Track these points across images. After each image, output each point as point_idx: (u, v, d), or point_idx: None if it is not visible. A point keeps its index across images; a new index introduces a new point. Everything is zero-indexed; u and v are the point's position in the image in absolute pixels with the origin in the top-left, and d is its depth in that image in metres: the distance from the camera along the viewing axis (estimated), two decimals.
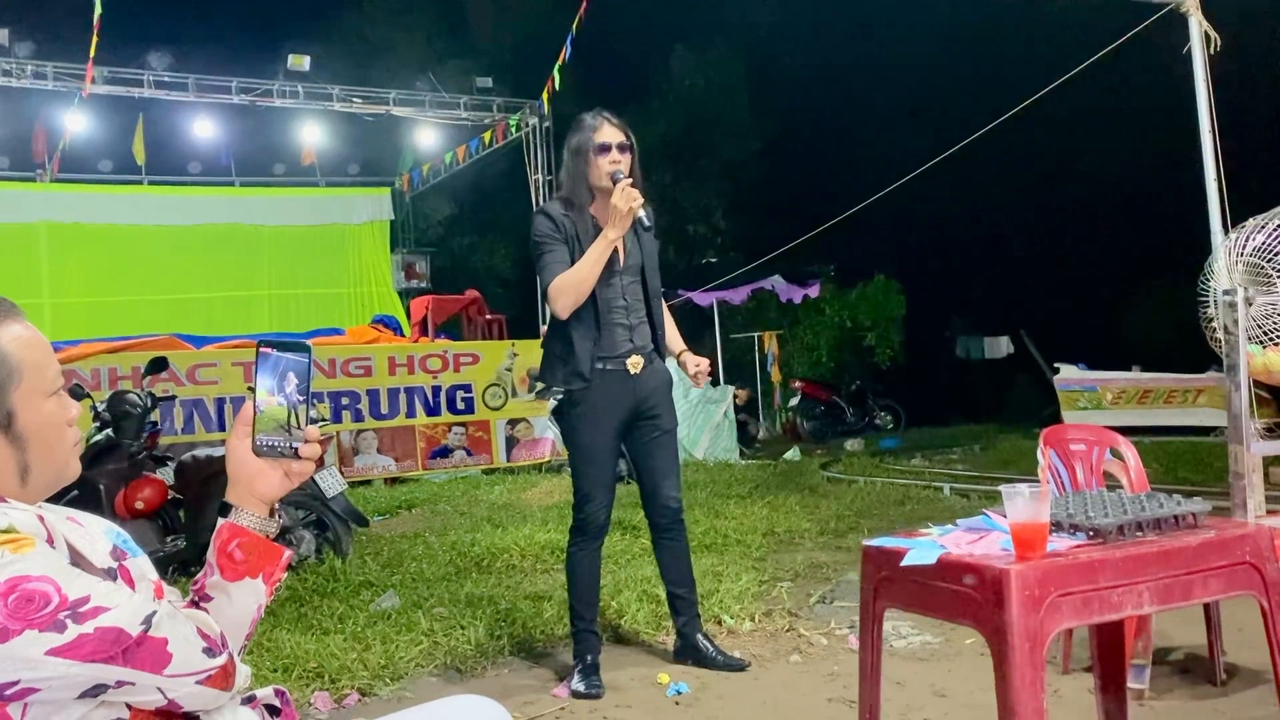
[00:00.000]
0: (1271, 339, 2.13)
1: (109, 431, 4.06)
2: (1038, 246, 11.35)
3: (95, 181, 9.27)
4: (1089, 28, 3.66)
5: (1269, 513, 2.24)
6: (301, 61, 7.92)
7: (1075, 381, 7.63)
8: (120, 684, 0.85)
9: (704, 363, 2.65)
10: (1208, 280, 2.23)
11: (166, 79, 7.93)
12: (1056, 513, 1.67)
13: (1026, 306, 10.85)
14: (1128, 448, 2.42)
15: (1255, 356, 2.16)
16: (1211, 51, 3.55)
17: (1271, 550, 1.63)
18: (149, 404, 4.24)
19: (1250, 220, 2.10)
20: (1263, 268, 2.10)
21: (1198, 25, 3.62)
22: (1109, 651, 2.09)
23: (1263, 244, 2.08)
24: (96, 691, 0.84)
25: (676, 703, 2.43)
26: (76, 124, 8.22)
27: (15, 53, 6.99)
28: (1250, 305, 2.13)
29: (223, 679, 0.94)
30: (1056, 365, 8.02)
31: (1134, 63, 3.90)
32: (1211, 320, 2.16)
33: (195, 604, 1.00)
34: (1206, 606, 2.40)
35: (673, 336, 2.70)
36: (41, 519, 0.86)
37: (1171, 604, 1.58)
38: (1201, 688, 2.38)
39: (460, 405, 7.61)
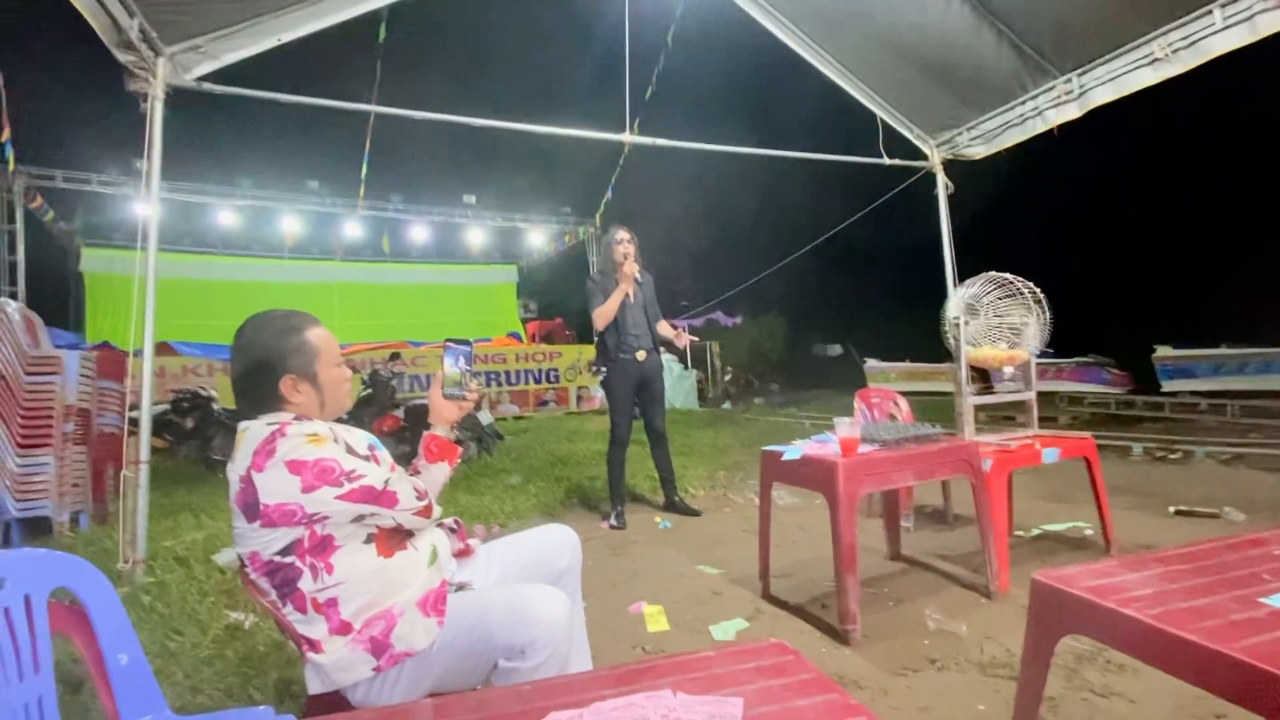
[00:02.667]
0: (977, 343, 3.24)
1: (370, 390, 6.33)
2: (856, 298, 20.59)
3: (363, 260, 14.72)
4: (878, 180, 5.83)
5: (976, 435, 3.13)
6: (471, 198, 13.83)
7: (875, 366, 12.36)
8: (372, 514, 1.27)
9: (685, 336, 4.02)
10: (943, 314, 3.33)
11: (400, 206, 13.49)
12: (864, 433, 2.60)
13: (847, 325, 19.25)
14: (902, 400, 3.79)
15: (971, 351, 3.21)
16: (949, 193, 5.29)
17: (976, 454, 2.73)
18: (390, 376, 6.61)
19: (968, 280, 3.36)
20: (973, 306, 3.36)
21: (941, 179, 5.41)
22: (891, 505, 3.28)
23: (974, 293, 3.33)
24: (359, 518, 1.25)
25: (664, 532, 3.86)
26: (353, 230, 13.69)
27: (320, 192, 12.11)
28: (967, 324, 3.34)
29: (427, 512, 1.35)
30: (865, 357, 12.67)
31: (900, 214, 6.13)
32: (948, 332, 3.38)
33: (414, 474, 1.46)
34: (943, 483, 3.71)
35: (667, 330, 4.11)
36: (331, 429, 1.32)
37: (924, 480, 2.64)
38: (939, 526, 3.65)
39: (552, 378, 12.01)
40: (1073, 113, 4.42)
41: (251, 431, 1.29)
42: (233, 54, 3.62)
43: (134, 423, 3.34)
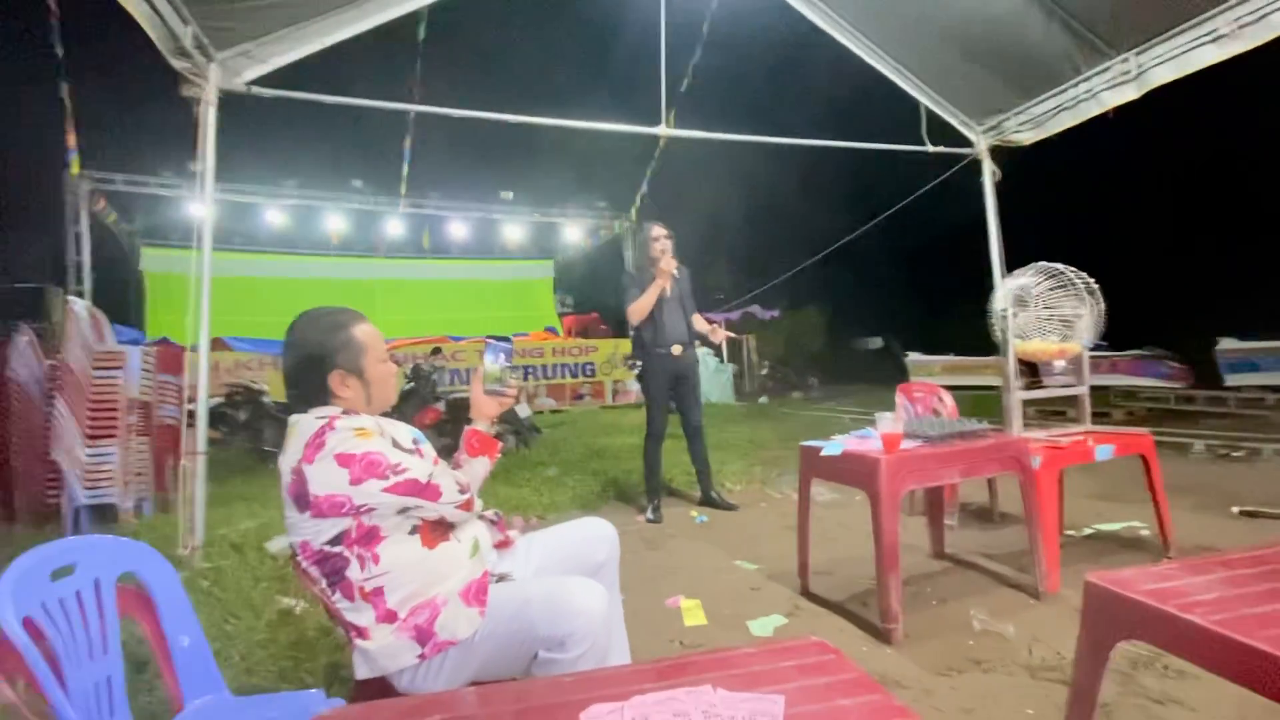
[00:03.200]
0: (1026, 336, 3.07)
1: (412, 384, 6.49)
2: (898, 290, 20.44)
3: (403, 256, 15.06)
4: (920, 168, 5.52)
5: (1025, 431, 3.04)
6: (508, 195, 14.15)
7: (917, 360, 11.77)
8: (417, 507, 1.31)
9: (721, 331, 4.04)
10: (990, 305, 3.23)
11: (440, 203, 13.77)
12: (907, 429, 2.55)
13: (892, 319, 19.38)
14: (946, 395, 3.69)
15: (1020, 344, 3.06)
16: (996, 180, 5.09)
17: (1025, 450, 2.64)
18: (432, 370, 6.75)
19: (1016, 271, 3.24)
20: (1022, 298, 3.23)
21: (988, 166, 5.19)
22: (934, 503, 3.20)
23: (1023, 284, 3.21)
24: (404, 510, 1.29)
25: (701, 526, 3.85)
26: (395, 227, 13.93)
27: (363, 190, 12.52)
28: (1016, 316, 3.13)
29: (468, 505, 1.39)
30: (907, 351, 12.20)
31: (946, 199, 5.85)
32: (995, 325, 3.26)
33: (456, 468, 1.50)
34: (989, 480, 3.61)
35: (703, 325, 4.10)
36: (378, 422, 1.37)
37: (969, 477, 2.60)
38: (985, 524, 3.56)
39: (588, 372, 12.15)
40: (1130, 94, 4.21)
41: (302, 425, 1.33)
42: (280, 58, 3.73)
43: (191, 415, 3.48)
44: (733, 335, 4.14)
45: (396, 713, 0.89)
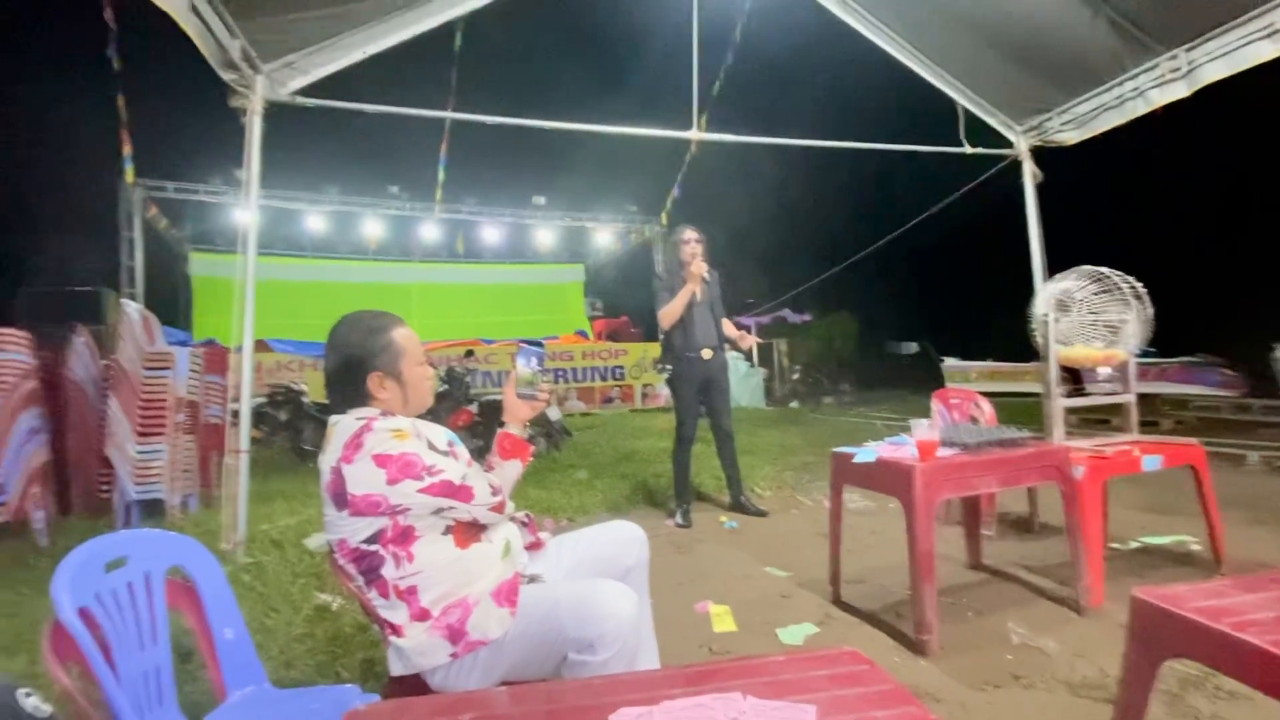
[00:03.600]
0: (1069, 341, 2.99)
1: (446, 386, 6.61)
2: (934, 294, 20.44)
3: (438, 260, 15.38)
4: (958, 170, 5.37)
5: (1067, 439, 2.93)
6: (540, 199, 14.21)
7: (954, 365, 11.56)
8: (450, 508, 1.33)
9: (749, 338, 4.06)
10: (1031, 309, 3.15)
11: (474, 208, 14.01)
12: (943, 436, 2.48)
13: (928, 324, 18.83)
14: (984, 401, 3.59)
15: (1063, 350, 2.97)
16: (1037, 182, 4.94)
17: (1067, 460, 2.57)
18: (465, 373, 6.86)
19: (1058, 275, 3.15)
20: (1064, 302, 3.13)
21: (1029, 167, 5.05)
22: (971, 512, 3.12)
23: (1065, 288, 3.12)
24: (438, 510, 1.32)
25: (730, 532, 3.83)
26: (430, 232, 14.34)
27: (400, 196, 12.85)
28: (1057, 322, 3.01)
29: (500, 507, 1.42)
30: (943, 356, 11.86)
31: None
32: (1035, 330, 3.17)
33: (488, 470, 1.52)
34: (1029, 489, 3.50)
35: (732, 331, 4.08)
36: (414, 424, 1.39)
37: (1008, 486, 2.53)
38: (1025, 535, 3.46)
39: (618, 375, 12.24)
40: (1180, 92, 4.06)
41: (342, 425, 1.36)
42: (323, 69, 3.85)
43: (235, 414, 3.60)
44: (760, 341, 4.09)
45: (429, 709, 0.91)
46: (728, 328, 4.08)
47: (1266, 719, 1.70)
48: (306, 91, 3.88)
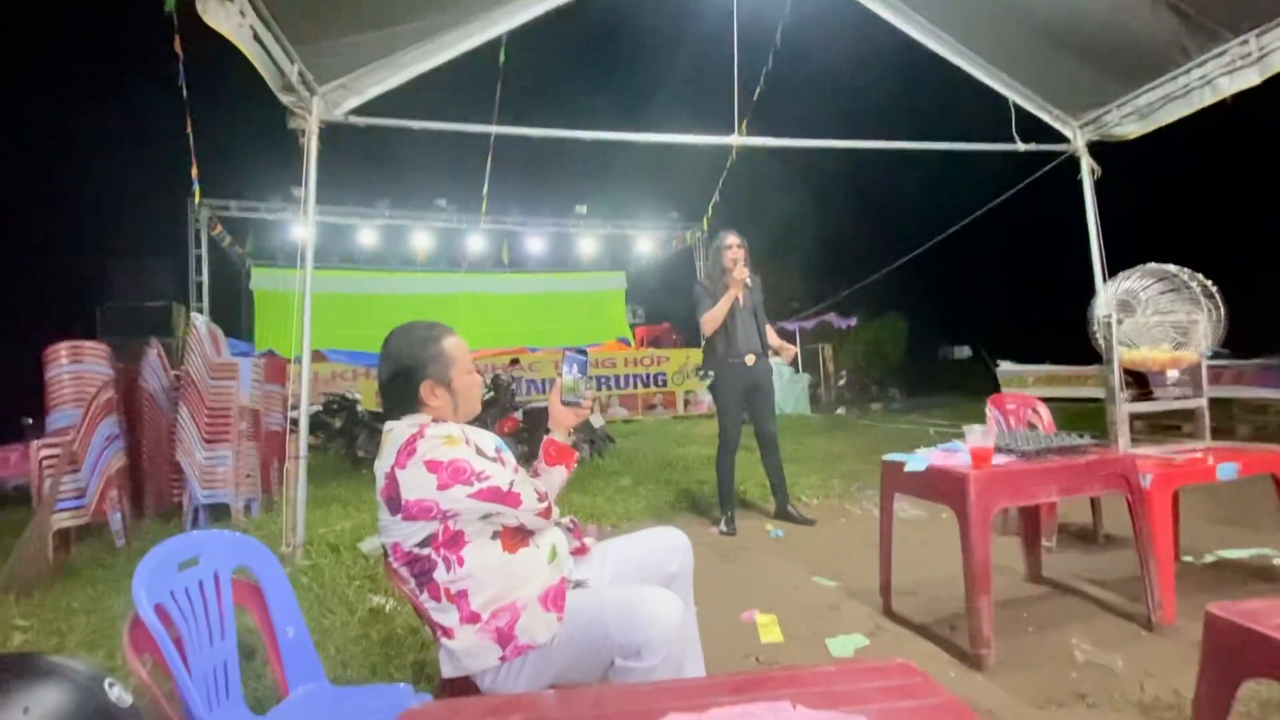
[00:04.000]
0: (1134, 344, 2.87)
1: (492, 394, 6.76)
2: (989, 297, 19.40)
3: (485, 271, 15.71)
4: (1010, 168, 5.18)
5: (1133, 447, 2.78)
6: (582, 209, 14.34)
7: (1010, 370, 10.90)
8: (498, 513, 1.36)
9: (790, 350, 4.01)
10: (1091, 312, 2.96)
11: (518, 219, 14.29)
12: (999, 443, 2.42)
13: (982, 327, 17.40)
14: (1042, 407, 3.44)
15: (1127, 353, 2.83)
16: (1095, 178, 4.74)
17: (1133, 468, 2.48)
18: (511, 381, 6.98)
19: (1121, 274, 3.01)
20: (1128, 302, 2.98)
21: (1086, 163, 4.85)
22: (1030, 523, 3.00)
23: (1128, 288, 2.97)
24: (487, 515, 1.35)
25: (776, 540, 3.78)
26: (476, 243, 14.57)
27: (448, 209, 13.31)
28: (1120, 324, 2.87)
29: (547, 513, 1.44)
30: (998, 360, 11.23)
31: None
32: (1096, 331, 3.02)
33: (534, 476, 1.53)
34: (1092, 499, 3.35)
35: (774, 340, 4.03)
36: (464, 431, 1.44)
37: (1070, 495, 2.42)
38: (1088, 547, 3.31)
39: (660, 382, 12.27)
40: (1252, 79, 3.84)
41: (395, 432, 1.41)
42: (374, 88, 4.00)
43: (294, 422, 3.75)
44: (798, 352, 4.04)
45: (480, 711, 0.93)
46: (770, 337, 4.04)
47: None
48: (358, 111, 4.04)
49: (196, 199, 9.77)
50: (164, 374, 4.78)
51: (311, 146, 3.77)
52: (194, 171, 4.45)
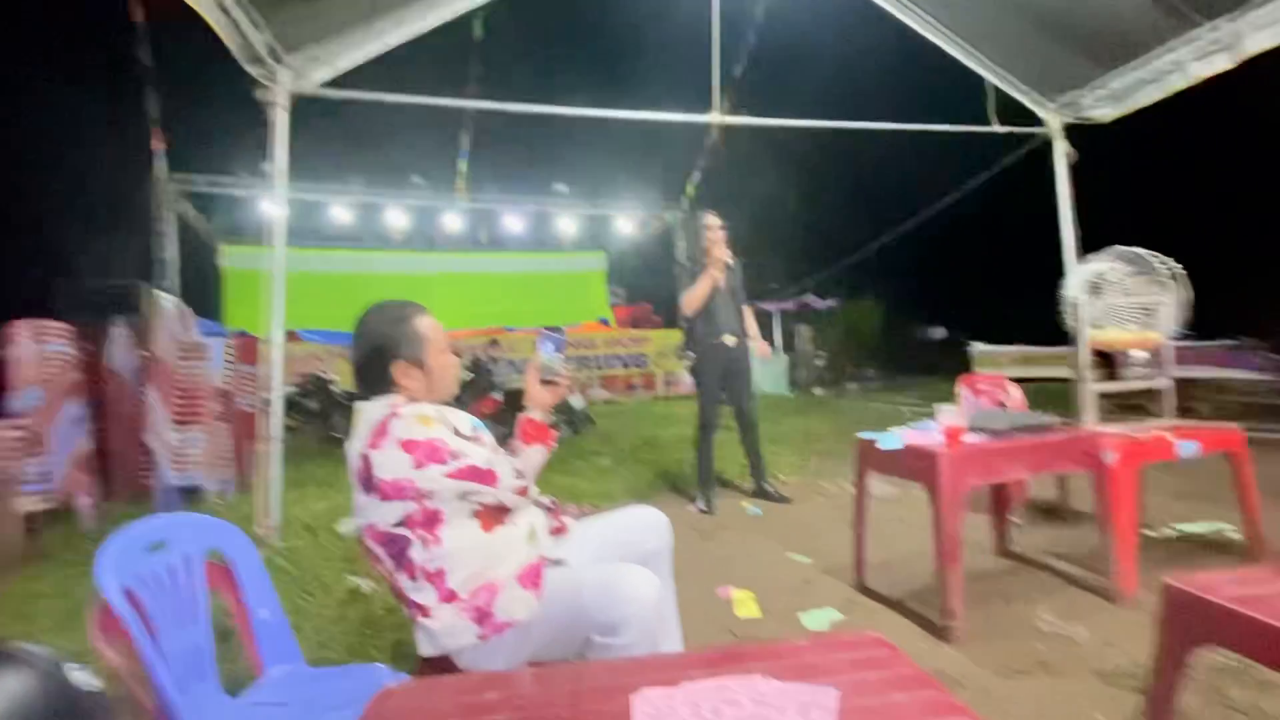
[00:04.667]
0: (1102, 325, 2.91)
1: (471, 374, 6.70)
2: (962, 279, 19.30)
3: (462, 250, 15.39)
4: (987, 149, 5.24)
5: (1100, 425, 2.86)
6: (562, 187, 14.00)
7: (982, 350, 11.36)
8: (475, 492, 1.36)
9: (764, 348, 4.10)
10: (1062, 294, 3.04)
11: (496, 197, 13.88)
12: (969, 422, 2.48)
13: (956, 308, 18.27)
14: (1013, 387, 3.52)
15: (1095, 333, 2.89)
16: (1070, 161, 4.81)
17: (1098, 445, 2.54)
18: (490, 361, 6.93)
19: (1090, 257, 3.06)
20: (1097, 284, 3.03)
21: (1061, 145, 4.90)
22: (999, 499, 3.10)
23: (1098, 270, 3.01)
24: (464, 494, 1.35)
25: (753, 518, 3.83)
26: (452, 222, 14.17)
27: (423, 185, 12.93)
28: (1089, 305, 2.91)
29: (524, 491, 1.46)
30: (971, 341, 11.70)
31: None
32: (1066, 313, 3.08)
33: (512, 455, 1.53)
34: (1060, 476, 3.46)
35: (750, 329, 4.05)
36: (439, 411, 1.43)
37: (1038, 473, 2.61)
38: (1055, 523, 3.41)
39: (640, 363, 12.28)
40: (1223, 64, 3.90)
41: (368, 412, 1.39)
42: (345, 60, 3.88)
43: (267, 403, 3.69)
44: (768, 353, 4.19)
45: (457, 688, 0.93)
46: (751, 325, 4.06)
47: None
48: (330, 84, 3.92)
49: (160, 174, 9.46)
50: (131, 355, 4.66)
51: (280, 120, 3.65)
52: (156, 144, 4.30)
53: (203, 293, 13.46)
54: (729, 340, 3.94)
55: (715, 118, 4.71)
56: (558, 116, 4.64)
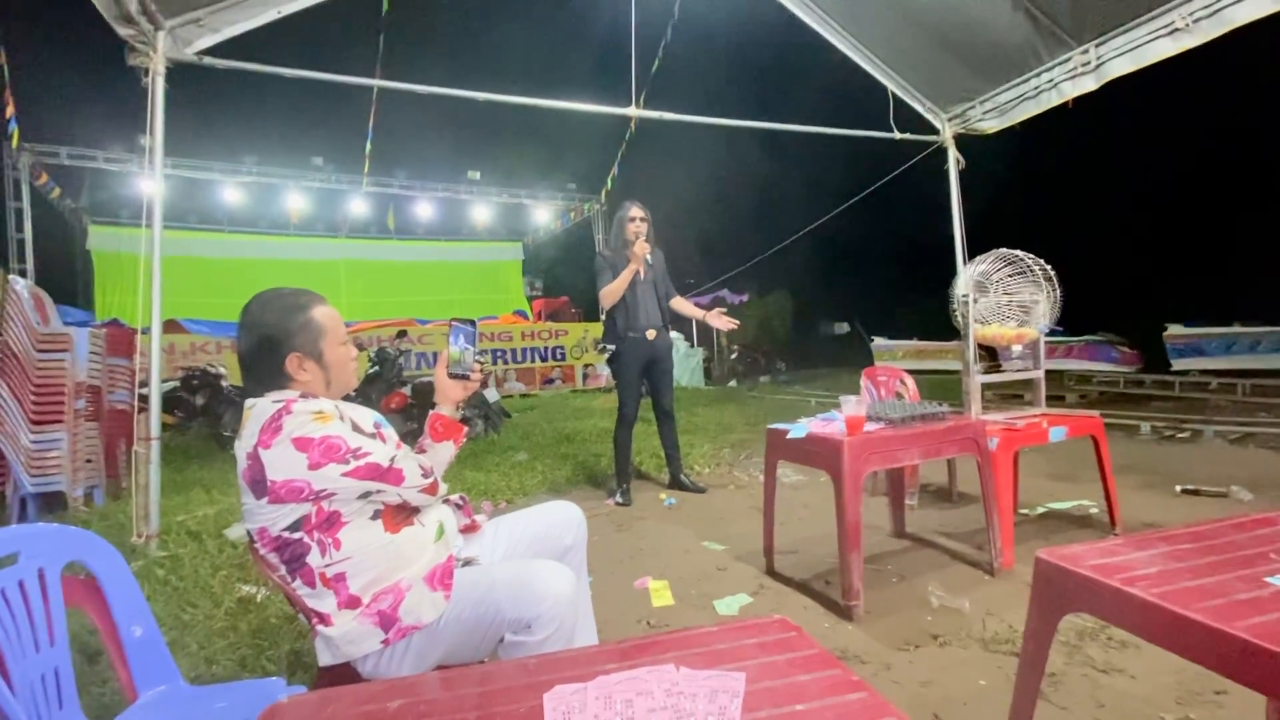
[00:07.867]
0: (986, 321, 3.16)
1: (377, 368, 6.36)
2: (864, 276, 20.61)
3: (368, 237, 14.71)
4: (888, 155, 5.56)
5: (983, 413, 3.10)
6: (475, 174, 13.76)
7: (882, 344, 12.47)
8: (378, 491, 1.30)
9: (721, 317, 3.79)
10: (952, 292, 3.30)
11: (405, 182, 13.40)
12: (870, 412, 2.63)
13: (858, 304, 19.15)
14: (909, 379, 3.77)
15: (980, 329, 3.14)
16: (960, 169, 5.26)
17: (982, 432, 2.71)
18: (397, 354, 6.61)
19: (977, 258, 3.31)
20: (983, 283, 3.31)
21: (953, 154, 5.31)
22: (896, 483, 3.29)
23: (983, 270, 3.29)
24: (366, 494, 1.29)
25: (669, 509, 3.88)
26: (358, 207, 13.57)
27: (325, 169, 12.14)
28: (975, 302, 3.25)
29: (432, 489, 1.39)
30: (872, 336, 12.74)
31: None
32: (956, 310, 3.35)
33: (420, 453, 1.49)
34: (949, 461, 3.70)
35: (691, 310, 4.06)
36: (337, 406, 1.35)
37: (929, 458, 2.65)
38: (944, 504, 3.66)
39: (558, 356, 12.08)
40: (1089, 85, 4.31)
41: (258, 409, 1.29)
42: (232, 27, 3.58)
43: (144, 399, 3.36)
44: (734, 323, 3.75)
45: (356, 699, 0.88)
46: (686, 306, 4.06)
47: (1153, 665, 1.87)
48: (217, 51, 3.60)
49: (14, 142, 8.39)
50: None
51: (157, 89, 3.32)
52: (8, 109, 3.80)
53: (67, 278, 12.12)
54: (650, 334, 3.95)
55: (633, 111, 4.71)
56: (472, 101, 4.48)
